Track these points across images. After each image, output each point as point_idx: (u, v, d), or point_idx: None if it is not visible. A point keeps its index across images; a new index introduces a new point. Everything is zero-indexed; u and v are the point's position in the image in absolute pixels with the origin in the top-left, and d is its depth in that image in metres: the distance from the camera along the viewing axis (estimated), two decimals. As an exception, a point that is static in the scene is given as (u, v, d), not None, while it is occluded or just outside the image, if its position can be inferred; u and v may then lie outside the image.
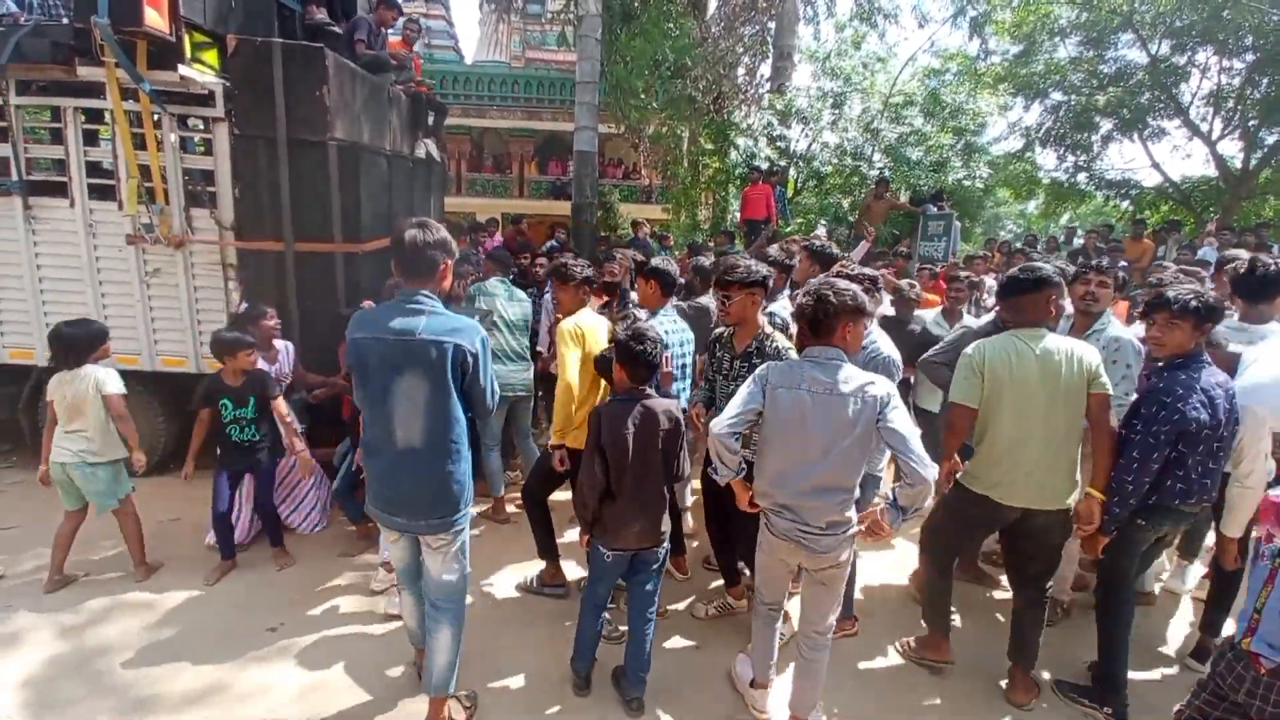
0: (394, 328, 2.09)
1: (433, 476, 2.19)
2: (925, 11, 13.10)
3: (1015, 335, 2.49)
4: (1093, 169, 14.36)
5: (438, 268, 2.17)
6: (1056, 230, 15.73)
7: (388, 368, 2.11)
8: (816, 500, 2.16)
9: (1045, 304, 2.49)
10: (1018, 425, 2.44)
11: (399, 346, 2.09)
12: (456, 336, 2.12)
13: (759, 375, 2.26)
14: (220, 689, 2.67)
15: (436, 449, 2.17)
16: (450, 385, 2.14)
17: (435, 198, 6.41)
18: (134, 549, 3.39)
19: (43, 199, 4.16)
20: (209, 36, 4.15)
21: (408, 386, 2.11)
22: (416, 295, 2.14)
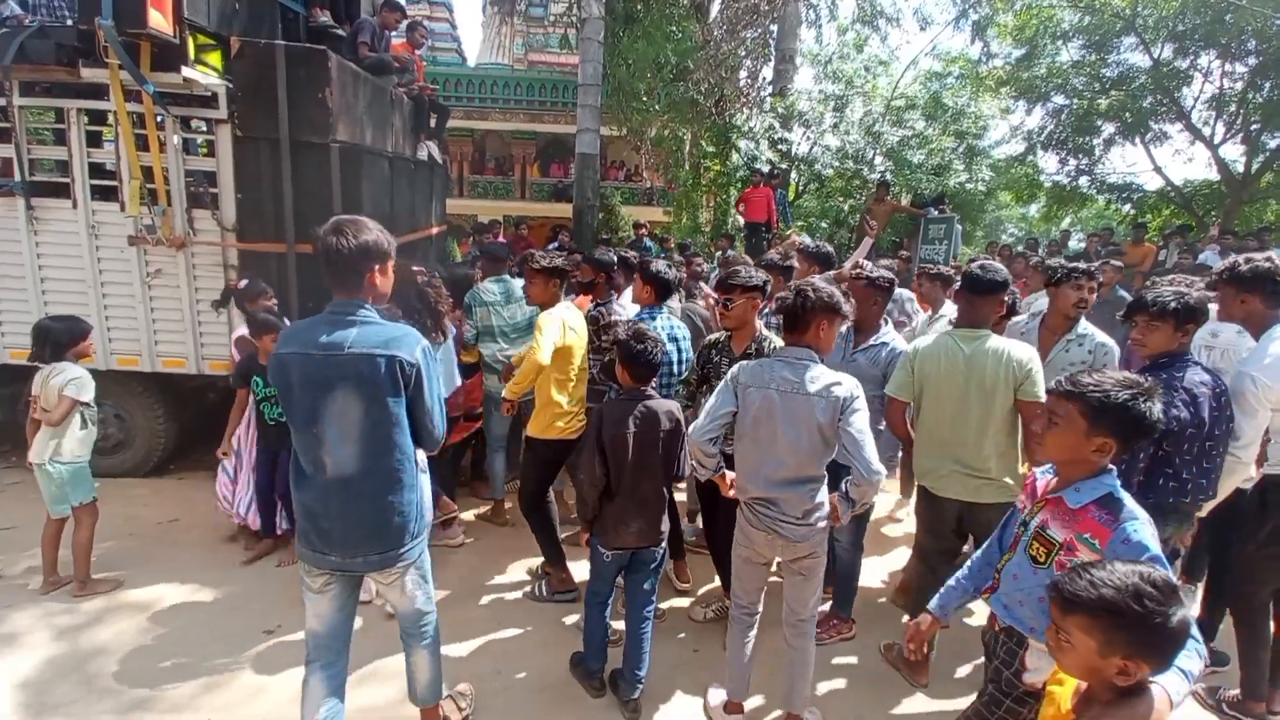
0: (321, 342, 1.84)
1: (370, 508, 1.92)
2: (927, 15, 13.05)
3: (952, 335, 2.59)
4: (1094, 172, 14.37)
5: (365, 275, 1.89)
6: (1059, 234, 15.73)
7: (315, 386, 1.84)
8: (788, 491, 2.25)
9: (997, 306, 2.62)
10: (936, 419, 2.59)
11: (327, 363, 1.83)
12: (392, 348, 1.86)
13: (730, 377, 2.35)
14: (217, 690, 2.66)
15: (375, 476, 1.91)
16: (389, 404, 1.88)
17: (437, 200, 6.42)
18: (77, 559, 3.22)
19: (45, 200, 4.17)
20: (212, 38, 4.16)
21: (339, 407, 1.85)
22: (346, 305, 1.89)
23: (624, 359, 2.51)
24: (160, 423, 4.51)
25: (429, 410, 1.97)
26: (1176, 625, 1.14)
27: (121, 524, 3.89)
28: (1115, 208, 15.08)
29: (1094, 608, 1.17)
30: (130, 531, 3.85)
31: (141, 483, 4.47)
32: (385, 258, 1.94)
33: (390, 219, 4.94)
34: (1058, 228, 18.31)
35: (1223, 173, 12.95)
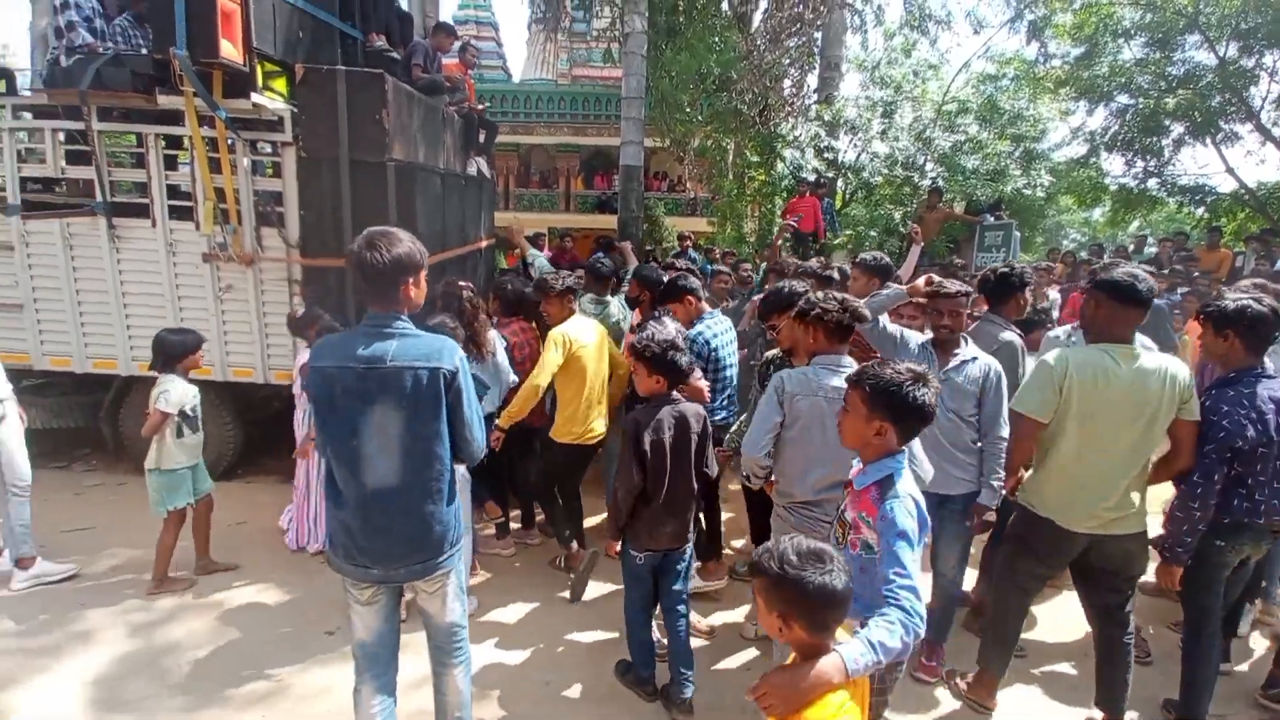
0: (361, 355, 1.83)
1: (411, 520, 1.92)
2: (981, 17, 12.65)
3: (1105, 350, 2.29)
4: (1164, 174, 13.61)
5: (400, 287, 1.89)
6: (1126, 239, 14.96)
7: (355, 399, 1.84)
8: (829, 494, 2.29)
9: (1136, 319, 2.31)
10: (1092, 447, 2.30)
11: (368, 376, 1.82)
12: (432, 360, 1.86)
13: (774, 388, 2.39)
14: (282, 690, 2.76)
15: (415, 489, 1.90)
16: (430, 416, 1.88)
17: (486, 213, 6.57)
18: (157, 561, 3.43)
19: (126, 220, 4.45)
20: (278, 65, 4.38)
21: (380, 420, 1.84)
22: (382, 318, 1.88)
23: (656, 366, 2.55)
24: (229, 429, 4.73)
25: (468, 422, 1.96)
26: (814, 590, 1.26)
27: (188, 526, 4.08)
28: (1188, 211, 14.25)
29: (759, 570, 1.33)
30: None
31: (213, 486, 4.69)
32: (418, 269, 1.94)
33: (442, 233, 5.09)
34: (1125, 232, 17.42)
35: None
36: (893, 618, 1.43)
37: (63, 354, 4.63)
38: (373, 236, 1.89)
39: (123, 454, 4.90)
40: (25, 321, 4.56)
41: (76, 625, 3.13)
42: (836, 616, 1.32)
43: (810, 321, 2.38)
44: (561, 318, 3.47)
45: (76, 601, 3.31)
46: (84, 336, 4.59)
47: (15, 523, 3.42)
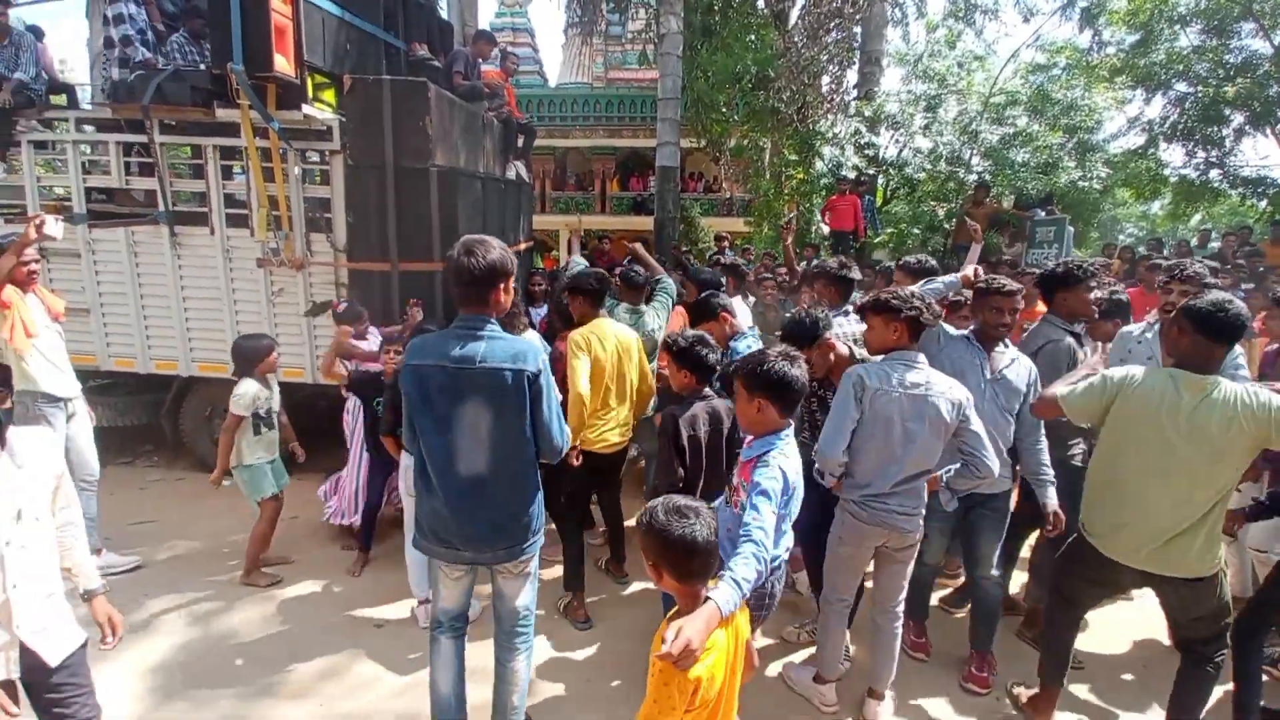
0: (454, 355, 1.96)
1: (499, 508, 2.08)
2: (1030, 4, 12.21)
3: (1174, 376, 2.12)
4: (1225, 165, 12.91)
5: (491, 292, 2.01)
6: (1187, 233, 14.23)
7: (449, 396, 1.98)
8: (910, 486, 2.39)
9: (1222, 353, 2.12)
10: (1139, 476, 2.17)
11: (460, 375, 1.97)
12: (518, 362, 1.99)
13: (851, 384, 2.39)
14: (333, 679, 2.85)
15: (502, 480, 2.07)
16: (515, 413, 2.03)
17: (525, 217, 6.66)
18: (249, 549, 3.61)
19: (186, 227, 4.66)
20: (327, 77, 4.52)
21: (471, 416, 1.99)
22: (474, 320, 2.01)
23: (687, 363, 2.60)
24: (281, 429, 4.90)
25: (547, 421, 2.08)
26: (675, 540, 1.43)
27: (249, 520, 4.22)
28: (1250, 204, 13.48)
29: (638, 524, 1.52)
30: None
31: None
32: (509, 276, 2.04)
33: (483, 237, 5.17)
34: (1186, 225, 16.58)
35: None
36: (746, 552, 1.68)
37: (127, 355, 4.87)
38: (470, 243, 2.00)
39: (182, 451, 5.13)
40: (92, 324, 4.82)
41: (136, 615, 3.27)
42: (699, 566, 1.46)
43: (900, 319, 2.37)
44: (587, 318, 3.33)
45: (139, 593, 3.47)
46: (147, 338, 4.83)
47: (87, 519, 3.58)
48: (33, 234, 3.15)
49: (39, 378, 3.38)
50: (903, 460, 2.35)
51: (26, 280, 3.34)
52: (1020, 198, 9.05)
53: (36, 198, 4.70)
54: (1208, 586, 2.20)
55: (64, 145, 4.68)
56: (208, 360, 4.79)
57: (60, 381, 3.48)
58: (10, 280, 3.23)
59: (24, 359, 3.31)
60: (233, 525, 4.18)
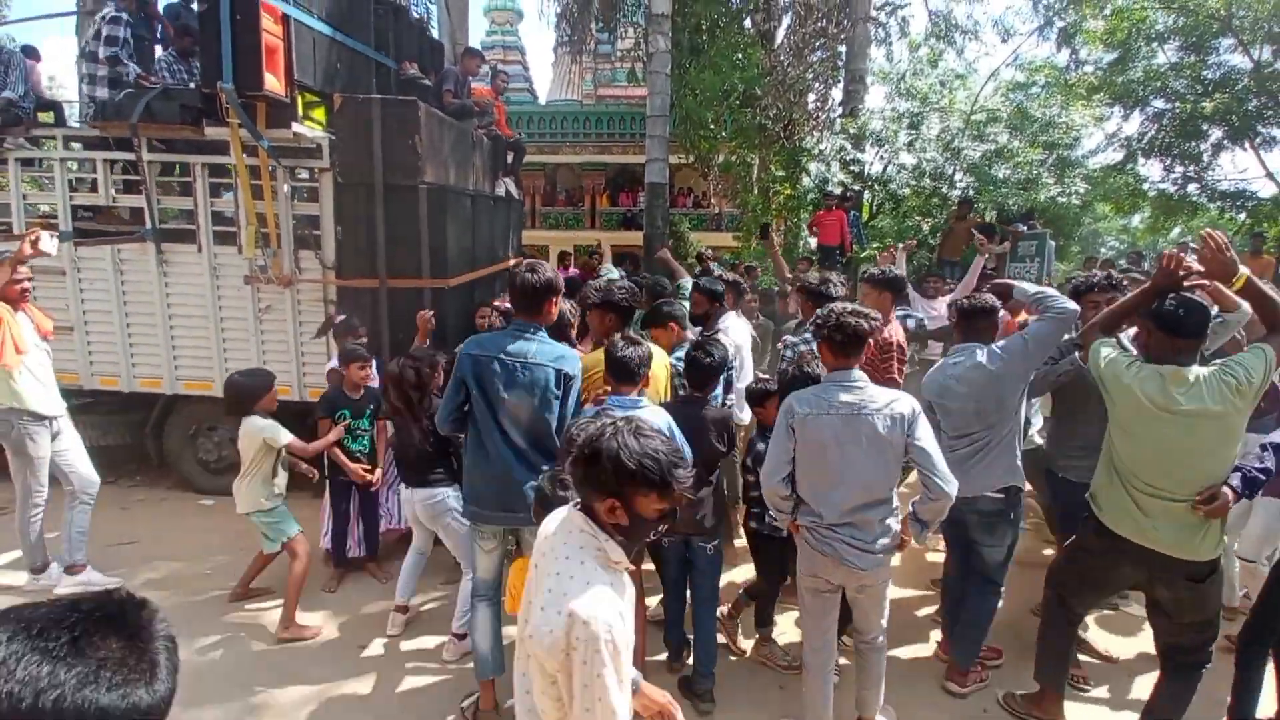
0: (510, 350, 2.43)
1: (535, 475, 2.42)
2: (1008, 25, 12.52)
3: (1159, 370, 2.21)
4: (1204, 179, 13.20)
5: (545, 304, 2.49)
6: (1166, 245, 14.50)
7: (501, 383, 2.42)
8: (862, 515, 2.26)
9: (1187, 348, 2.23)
10: (1139, 459, 2.26)
11: (513, 366, 2.42)
12: (561, 363, 2.46)
13: (783, 412, 2.37)
14: (317, 700, 2.81)
15: (539, 453, 2.46)
16: (552, 403, 2.45)
17: (514, 233, 6.69)
18: (246, 573, 3.53)
19: (173, 245, 4.64)
20: (317, 95, 4.55)
21: (518, 402, 2.42)
22: (528, 326, 2.48)
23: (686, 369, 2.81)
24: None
25: (569, 415, 2.50)
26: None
27: (233, 539, 4.19)
28: (1229, 217, 13.78)
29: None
30: (241, 546, 4.13)
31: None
32: (559, 292, 2.53)
33: (472, 253, 5.19)
34: (1165, 239, 16.90)
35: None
36: None
37: (111, 374, 4.82)
38: (533, 264, 2.52)
39: (166, 470, 5.06)
40: (75, 343, 4.77)
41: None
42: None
43: (824, 340, 2.32)
44: (602, 336, 3.20)
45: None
46: (131, 357, 4.78)
47: (74, 529, 3.57)
48: (28, 249, 3.16)
49: (26, 396, 3.36)
50: (844, 484, 2.25)
51: (19, 298, 3.34)
52: (1002, 213, 9.20)
53: (22, 215, 4.68)
54: (1208, 589, 2.25)
55: (51, 163, 4.67)
56: (193, 378, 4.75)
57: (46, 400, 3.46)
58: (2, 297, 3.23)
59: (12, 376, 3.30)
60: (215, 544, 4.13)
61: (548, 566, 1.33)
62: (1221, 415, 2.11)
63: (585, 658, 1.21)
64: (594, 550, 1.32)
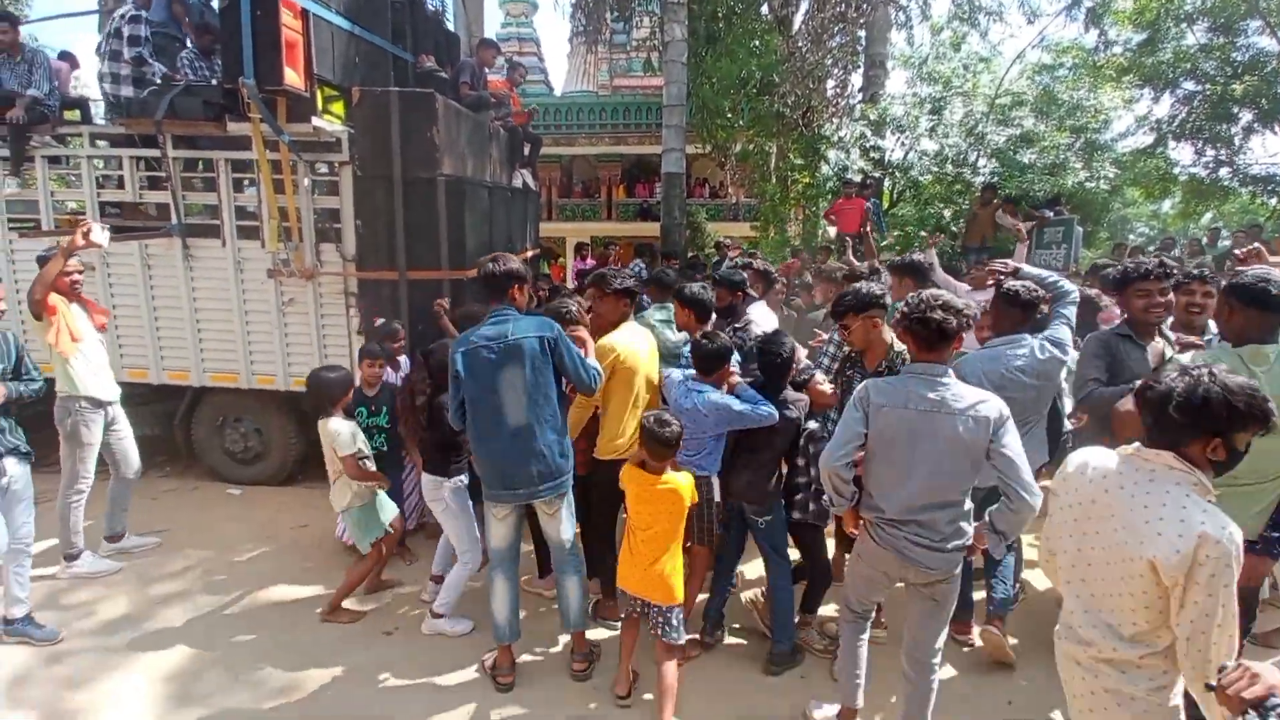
0: (489, 335, 2.63)
1: (539, 445, 2.65)
2: (1034, 5, 12.19)
3: (1237, 353, 2.18)
4: (1235, 163, 12.81)
5: (509, 289, 2.73)
6: (1198, 231, 14.11)
7: (491, 366, 2.60)
8: (928, 515, 2.14)
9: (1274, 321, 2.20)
10: None
11: (496, 348, 2.60)
12: (536, 331, 2.64)
13: (858, 397, 2.23)
14: (344, 683, 2.87)
15: (538, 421, 2.65)
16: (542, 369, 2.63)
17: (531, 224, 6.70)
18: (340, 588, 3.40)
19: (198, 240, 4.71)
20: (336, 89, 4.58)
21: (510, 377, 2.61)
22: (501, 311, 2.69)
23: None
24: (292, 436, 4.94)
25: (571, 366, 2.68)
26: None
27: (259, 528, 4.29)
28: (1261, 201, 13.37)
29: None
30: (268, 534, 4.24)
31: (278, 491, 4.92)
32: (523, 280, 2.78)
33: (489, 244, 5.20)
34: (1196, 224, 16.44)
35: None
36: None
37: (140, 366, 4.93)
38: (495, 255, 2.80)
39: (195, 461, 5.18)
40: (107, 336, 4.86)
41: (151, 625, 3.31)
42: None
43: (918, 331, 2.13)
44: (613, 322, 3.22)
45: (152, 602, 3.51)
46: (160, 349, 4.88)
47: (120, 505, 3.90)
48: (80, 240, 3.27)
49: (83, 382, 3.54)
50: (911, 482, 2.12)
51: (69, 290, 3.52)
52: (1027, 198, 9.01)
53: (51, 212, 4.78)
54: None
55: (78, 160, 4.76)
56: (219, 370, 4.83)
57: (103, 386, 3.66)
58: (57, 288, 3.41)
59: (69, 363, 3.49)
60: (244, 533, 4.22)
61: (1121, 503, 1.57)
62: None
63: (1214, 571, 1.42)
64: (1191, 484, 1.50)
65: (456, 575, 3.21)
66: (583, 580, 2.92)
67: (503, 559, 2.84)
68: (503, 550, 2.83)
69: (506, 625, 2.84)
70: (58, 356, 3.46)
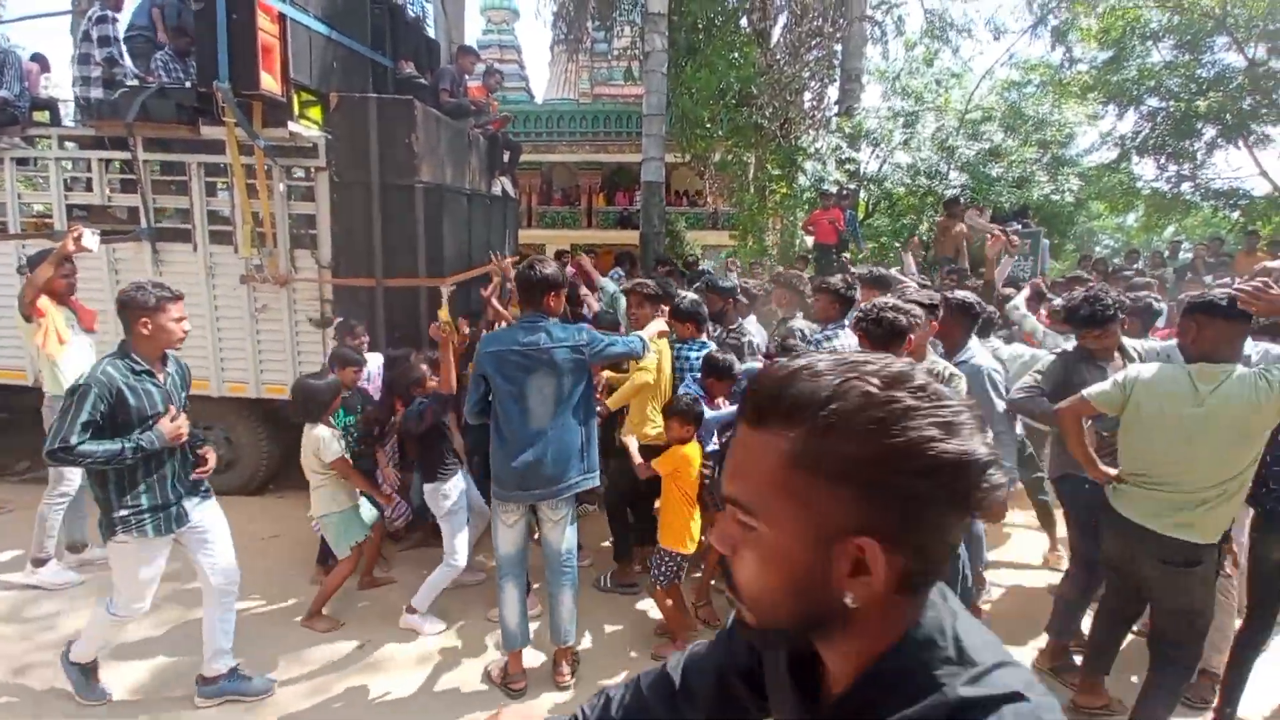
0: (523, 341, 2.67)
1: (561, 450, 2.71)
2: (1001, 24, 12.59)
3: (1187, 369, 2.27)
4: (1197, 178, 13.30)
5: (544, 296, 2.71)
6: (1160, 244, 14.59)
7: (522, 372, 2.65)
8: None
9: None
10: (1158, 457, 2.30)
11: (528, 354, 2.65)
12: (569, 340, 2.69)
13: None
14: (315, 696, 2.83)
15: (563, 429, 2.71)
16: (571, 379, 2.69)
17: (510, 232, 6.70)
18: (319, 594, 3.36)
19: (168, 244, 4.63)
20: (313, 94, 4.55)
21: (539, 384, 2.66)
22: (536, 317, 2.71)
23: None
24: (264, 445, 4.86)
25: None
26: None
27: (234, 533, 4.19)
28: (1223, 215, 13.88)
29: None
30: (239, 545, 4.05)
31: (245, 501, 4.81)
32: (559, 287, 2.76)
33: (467, 252, 5.20)
34: (1160, 237, 16.99)
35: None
36: None
37: (109, 374, 4.81)
38: (531, 260, 2.79)
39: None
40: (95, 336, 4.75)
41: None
42: None
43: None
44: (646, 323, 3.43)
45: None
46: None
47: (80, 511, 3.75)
48: (70, 246, 3.25)
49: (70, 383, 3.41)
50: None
51: (66, 291, 3.51)
52: (996, 211, 9.25)
53: (17, 215, 4.67)
54: (1182, 577, 2.25)
55: (46, 162, 4.66)
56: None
57: None
58: (47, 291, 3.37)
59: (57, 364, 3.45)
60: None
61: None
62: (1243, 412, 2.10)
63: None
64: None
65: (440, 575, 3.25)
66: (576, 594, 2.92)
67: (512, 565, 2.85)
68: (511, 556, 2.85)
69: (517, 631, 2.85)
70: (45, 359, 3.44)
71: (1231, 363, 2.19)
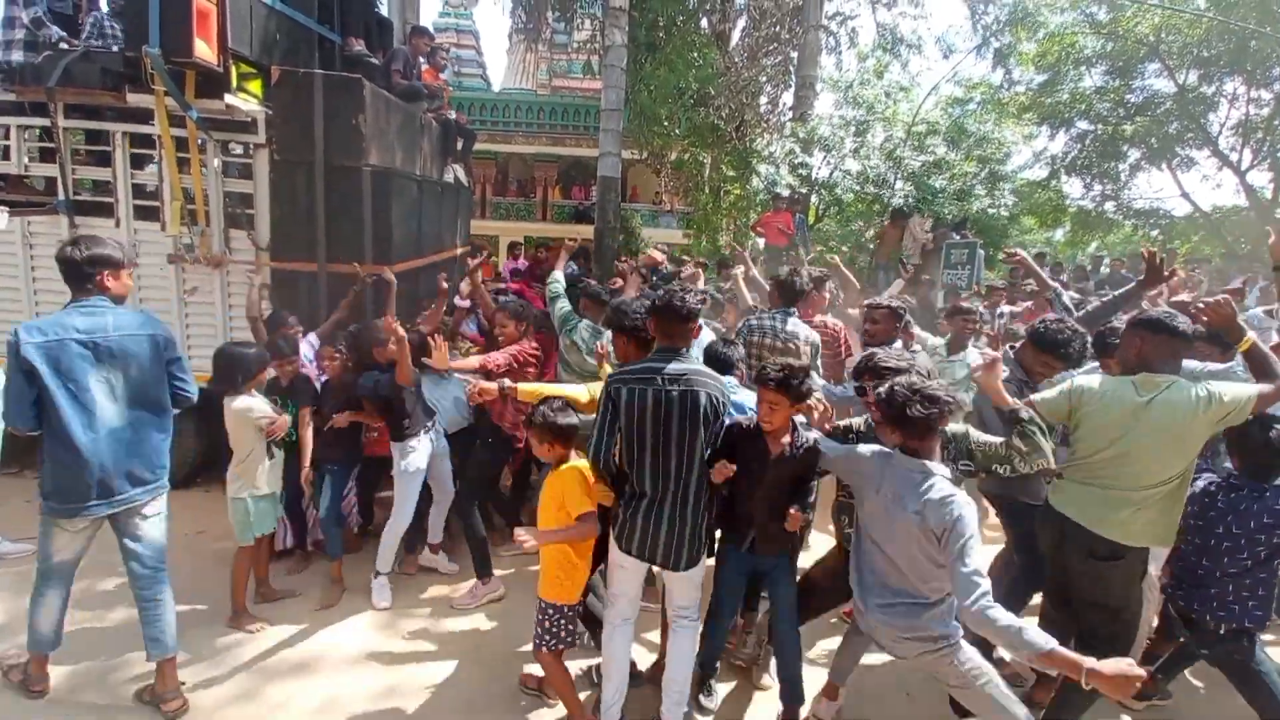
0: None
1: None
2: (950, 43, 13.14)
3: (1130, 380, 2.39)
4: (1120, 197, 14.23)
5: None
6: (1084, 258, 15.56)
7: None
8: None
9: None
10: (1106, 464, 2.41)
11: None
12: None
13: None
14: (244, 701, 2.71)
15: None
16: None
17: (462, 221, 6.56)
18: (236, 592, 3.20)
19: (89, 218, 4.33)
20: (254, 67, 4.33)
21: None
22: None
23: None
24: (190, 438, 4.59)
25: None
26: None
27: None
28: (1143, 233, 14.89)
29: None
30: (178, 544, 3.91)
31: (171, 495, 4.55)
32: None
33: (418, 240, 5.07)
34: (1083, 252, 18.09)
35: (1250, 199, 12.79)
36: None
37: (17, 355, 4.46)
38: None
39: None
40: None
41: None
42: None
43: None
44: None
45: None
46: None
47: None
48: None
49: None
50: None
51: None
52: (938, 221, 9.64)
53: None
54: (1107, 571, 2.36)
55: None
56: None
57: None
58: None
59: None
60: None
61: None
62: (1182, 418, 2.24)
63: None
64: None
65: (387, 533, 3.37)
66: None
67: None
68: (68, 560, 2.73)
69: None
70: None
71: (1173, 374, 2.36)
